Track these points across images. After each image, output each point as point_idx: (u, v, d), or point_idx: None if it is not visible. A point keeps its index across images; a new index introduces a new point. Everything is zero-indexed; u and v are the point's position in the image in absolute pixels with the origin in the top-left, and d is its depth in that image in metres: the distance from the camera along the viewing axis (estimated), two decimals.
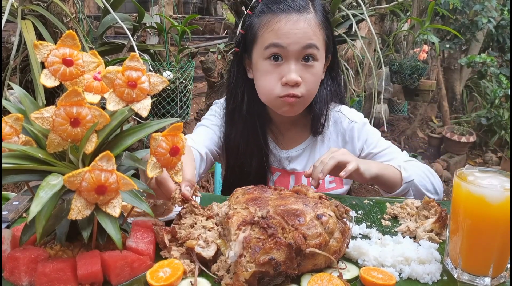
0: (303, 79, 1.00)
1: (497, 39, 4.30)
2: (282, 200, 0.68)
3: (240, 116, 1.12)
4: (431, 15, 2.72)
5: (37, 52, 0.58)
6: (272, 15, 1.00)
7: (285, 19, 0.98)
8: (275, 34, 0.98)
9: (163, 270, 0.62)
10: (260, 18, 1.03)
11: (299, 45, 0.98)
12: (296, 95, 1.00)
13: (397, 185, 1.01)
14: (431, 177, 1.08)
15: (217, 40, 5.21)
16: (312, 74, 1.01)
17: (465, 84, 5.33)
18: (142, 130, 0.62)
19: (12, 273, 0.59)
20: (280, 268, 0.59)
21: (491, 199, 0.61)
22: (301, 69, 1.00)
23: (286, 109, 1.05)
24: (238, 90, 1.11)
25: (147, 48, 1.74)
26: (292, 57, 0.99)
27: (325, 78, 1.13)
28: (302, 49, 0.98)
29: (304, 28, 0.98)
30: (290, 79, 0.98)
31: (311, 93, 1.05)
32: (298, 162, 1.16)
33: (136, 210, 0.79)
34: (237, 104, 1.12)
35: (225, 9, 7.31)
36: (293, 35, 0.97)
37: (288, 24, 0.98)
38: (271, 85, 1.02)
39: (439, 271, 0.66)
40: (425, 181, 1.05)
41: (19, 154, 0.56)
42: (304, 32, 0.98)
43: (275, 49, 0.99)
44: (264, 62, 1.02)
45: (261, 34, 1.02)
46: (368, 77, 3.63)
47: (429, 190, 1.06)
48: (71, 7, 1.50)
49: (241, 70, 1.12)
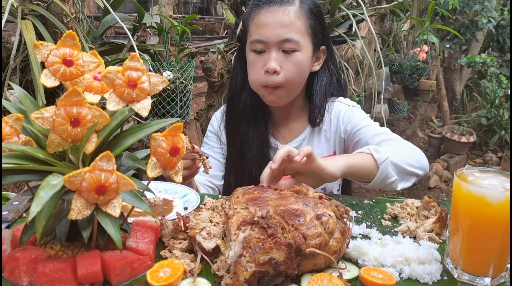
0: (282, 67, 1.05)
1: (497, 39, 4.30)
2: (282, 200, 0.68)
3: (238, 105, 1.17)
4: (431, 15, 2.72)
5: (37, 52, 0.58)
6: (256, 8, 1.08)
7: (265, 11, 1.05)
8: (257, 27, 1.06)
9: (163, 270, 0.62)
10: (249, 14, 1.10)
11: (277, 38, 1.04)
12: (274, 84, 1.06)
13: (374, 170, 0.97)
14: (411, 151, 1.05)
15: (217, 40, 5.21)
16: (293, 63, 1.06)
17: (465, 84, 5.33)
18: (142, 130, 0.62)
19: (12, 273, 0.59)
20: (280, 268, 0.59)
21: (492, 199, 0.61)
22: (281, 58, 1.05)
23: (268, 98, 1.10)
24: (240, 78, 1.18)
25: (147, 48, 1.74)
26: (273, 48, 1.05)
27: (323, 69, 1.15)
28: (280, 42, 1.04)
29: (282, 20, 1.04)
30: (268, 67, 1.04)
31: (293, 81, 1.07)
32: None
33: (136, 210, 0.79)
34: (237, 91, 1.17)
35: (225, 9, 7.31)
36: (271, 26, 1.04)
37: (266, 17, 1.05)
38: (256, 74, 1.08)
39: (439, 271, 0.66)
40: (405, 156, 1.01)
41: (19, 154, 0.56)
42: (281, 24, 1.03)
43: (258, 44, 1.06)
44: (251, 54, 1.09)
45: (249, 27, 1.09)
46: (368, 77, 3.63)
47: (412, 165, 1.02)
48: (71, 7, 1.50)
49: (242, 62, 1.18)
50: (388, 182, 1.00)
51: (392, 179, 0.99)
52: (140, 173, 1.56)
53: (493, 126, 4.59)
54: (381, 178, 0.98)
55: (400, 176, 1.01)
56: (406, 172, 1.01)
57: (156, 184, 0.98)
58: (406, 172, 1.01)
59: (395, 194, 3.78)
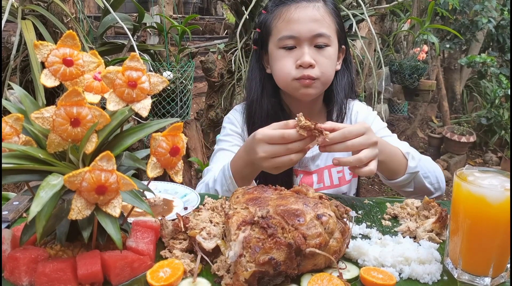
0: (316, 62, 1.04)
1: (497, 39, 4.30)
2: (282, 200, 0.68)
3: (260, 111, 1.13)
4: (431, 15, 2.72)
5: (37, 52, 0.58)
6: (282, 6, 1.07)
7: (295, 7, 1.04)
8: (286, 23, 1.04)
9: (163, 270, 0.62)
10: (273, 12, 1.09)
11: (310, 33, 1.03)
12: (311, 76, 1.04)
13: (400, 173, 0.98)
14: (436, 170, 1.06)
15: (217, 40, 5.21)
16: (326, 57, 1.05)
17: (465, 84, 5.33)
18: (142, 130, 0.62)
19: (12, 273, 0.59)
20: (280, 268, 0.59)
21: (492, 199, 0.61)
22: (314, 52, 1.04)
23: (303, 91, 1.06)
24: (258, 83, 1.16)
25: (147, 48, 1.74)
26: (305, 43, 1.03)
27: (342, 69, 1.16)
28: (313, 37, 1.03)
29: (314, 15, 1.03)
30: (304, 61, 1.02)
31: (326, 75, 1.07)
32: (321, 158, 1.17)
33: (136, 210, 0.79)
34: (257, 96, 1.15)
35: (225, 9, 7.31)
36: (303, 21, 1.02)
37: (297, 11, 1.03)
38: (287, 69, 1.05)
39: (439, 271, 0.66)
40: (430, 173, 1.03)
41: (19, 154, 0.56)
42: (314, 19, 1.03)
43: (288, 40, 1.04)
44: (279, 50, 1.07)
45: (275, 25, 1.07)
46: (368, 77, 3.63)
47: (433, 184, 1.04)
48: (71, 7, 1.50)
49: (260, 65, 1.17)
50: (403, 189, 1.03)
51: (408, 190, 1.02)
52: (140, 173, 1.56)
53: (493, 126, 4.59)
54: (399, 184, 1.00)
55: (416, 189, 1.03)
56: (423, 188, 1.03)
57: (156, 184, 0.98)
58: (423, 188, 1.03)
59: (395, 194, 3.78)
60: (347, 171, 1.17)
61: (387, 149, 0.95)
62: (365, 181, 3.96)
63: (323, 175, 1.16)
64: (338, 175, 1.17)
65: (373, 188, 3.80)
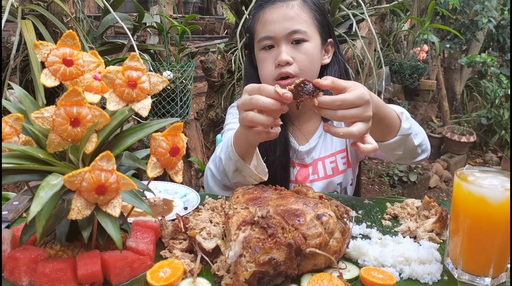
0: (294, 58, 1.05)
1: (498, 39, 4.31)
2: (282, 200, 0.68)
3: None
4: (431, 15, 2.72)
5: (37, 51, 0.58)
6: (260, 9, 1.10)
7: (270, 9, 1.07)
8: (263, 25, 1.08)
9: (163, 270, 0.62)
10: (254, 17, 1.12)
11: (285, 31, 1.04)
12: (288, 73, 1.05)
13: (393, 134, 0.95)
14: (423, 132, 1.07)
15: (217, 40, 5.21)
16: (303, 53, 1.06)
17: (465, 84, 5.33)
18: (142, 130, 0.62)
19: (12, 273, 0.59)
20: (280, 268, 0.59)
21: (492, 199, 0.61)
22: (291, 50, 1.05)
23: None
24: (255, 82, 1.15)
25: (147, 48, 1.74)
26: (282, 42, 1.05)
27: (332, 62, 1.16)
28: (289, 35, 1.05)
29: (287, 13, 1.05)
30: (280, 59, 1.04)
31: (306, 71, 1.07)
32: (315, 151, 1.18)
33: (136, 210, 0.79)
34: None
35: (225, 8, 7.31)
36: (277, 21, 1.05)
37: (271, 12, 1.07)
38: (268, 70, 1.08)
39: (439, 271, 0.66)
40: (420, 135, 1.03)
41: (19, 154, 0.56)
42: (287, 17, 1.05)
43: (266, 41, 1.07)
44: (260, 52, 1.10)
45: (256, 28, 1.11)
46: (368, 77, 3.63)
47: (421, 146, 1.04)
48: (71, 7, 1.50)
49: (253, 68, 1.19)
50: (393, 152, 1.01)
51: (397, 153, 1.01)
52: (140, 173, 1.56)
53: (493, 126, 4.60)
54: (390, 146, 0.97)
55: (405, 153, 1.02)
56: (413, 153, 1.04)
57: (156, 184, 0.98)
58: (413, 153, 1.04)
59: (395, 194, 3.78)
60: (340, 161, 1.18)
61: (382, 108, 0.90)
62: (365, 181, 3.96)
63: (317, 167, 1.17)
64: (331, 165, 1.17)
65: (373, 188, 3.80)
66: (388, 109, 0.93)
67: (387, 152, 1.03)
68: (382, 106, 0.90)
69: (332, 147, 1.18)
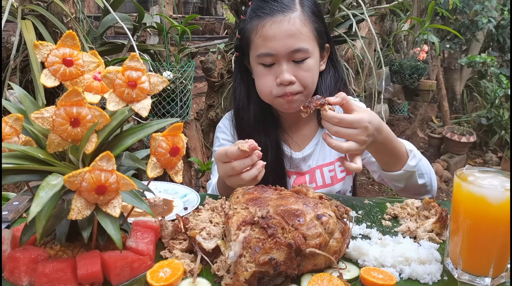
0: (297, 76, 1.03)
1: (497, 39, 4.31)
2: (282, 200, 0.68)
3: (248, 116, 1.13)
4: (431, 15, 2.72)
5: (37, 52, 0.58)
6: (258, 19, 1.04)
7: (270, 22, 1.01)
8: (263, 40, 1.02)
9: (163, 270, 0.62)
10: (250, 22, 1.06)
11: (287, 49, 1.01)
12: (293, 93, 1.04)
13: (397, 168, 0.98)
14: (432, 173, 1.06)
15: (217, 40, 5.21)
16: (305, 70, 1.04)
17: (465, 84, 5.33)
18: (142, 130, 0.62)
19: (12, 273, 0.59)
20: (280, 268, 0.59)
21: (492, 199, 0.61)
22: (293, 68, 1.03)
23: (287, 106, 1.07)
24: (243, 89, 1.15)
25: (147, 48, 1.74)
26: (283, 59, 1.02)
27: (327, 67, 1.15)
28: (291, 53, 1.01)
29: (289, 29, 1.00)
30: (283, 79, 1.02)
31: (309, 87, 1.06)
32: (312, 159, 1.17)
33: (136, 210, 0.79)
34: (243, 103, 1.14)
35: (225, 9, 7.31)
36: (279, 38, 1.00)
37: (272, 28, 1.01)
38: (268, 87, 1.05)
39: (439, 271, 0.66)
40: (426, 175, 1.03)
41: (19, 154, 0.56)
42: (289, 34, 1.00)
43: (266, 58, 1.03)
44: (258, 66, 1.06)
45: (253, 39, 1.05)
46: (368, 77, 3.63)
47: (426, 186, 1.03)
48: (71, 7, 1.50)
49: (244, 71, 1.15)
50: (393, 183, 1.03)
51: (398, 185, 1.03)
52: (140, 173, 1.56)
53: (493, 126, 4.59)
54: (392, 177, 1.00)
55: (407, 187, 1.03)
56: (415, 190, 1.03)
57: (156, 184, 0.98)
58: (415, 190, 1.03)
59: (395, 194, 3.77)
60: (338, 169, 1.17)
61: (391, 141, 0.94)
62: (365, 181, 3.96)
63: (315, 175, 1.16)
64: (330, 174, 1.16)
65: (373, 188, 3.79)
66: (397, 144, 0.96)
67: (389, 180, 1.05)
68: (392, 138, 0.94)
69: (331, 155, 1.16)
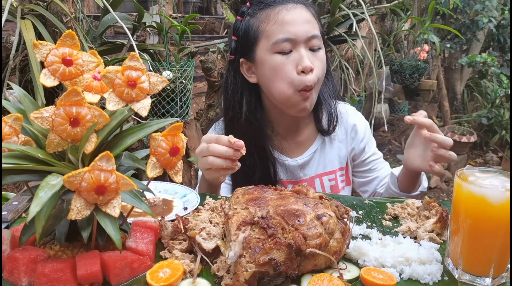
0: (313, 65, 0.98)
1: (498, 39, 4.30)
2: (282, 200, 0.68)
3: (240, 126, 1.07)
4: (431, 14, 2.72)
5: (37, 51, 0.58)
6: (268, 8, 1.00)
7: (284, 8, 0.98)
8: (280, 25, 0.97)
9: (163, 270, 0.62)
10: (256, 16, 1.02)
11: (306, 34, 0.97)
12: (311, 86, 0.99)
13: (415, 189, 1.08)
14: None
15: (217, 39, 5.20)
16: (320, 61, 1.01)
17: (466, 84, 5.33)
18: (142, 130, 0.62)
19: (11, 273, 0.59)
20: (280, 269, 0.59)
21: (492, 199, 0.60)
22: (310, 56, 0.99)
23: (302, 106, 1.01)
24: (237, 98, 1.07)
25: (146, 47, 1.73)
26: (301, 45, 0.98)
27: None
28: (308, 39, 0.98)
29: (306, 16, 0.99)
30: (306, 66, 0.96)
31: (320, 81, 1.03)
32: (310, 167, 1.14)
33: (136, 210, 0.79)
34: (236, 113, 1.07)
35: (225, 8, 7.30)
36: (298, 23, 0.97)
37: (290, 13, 0.98)
38: (289, 77, 0.98)
39: (440, 271, 0.66)
40: None
41: (18, 154, 0.56)
42: (307, 20, 0.99)
43: (285, 43, 0.97)
44: (274, 56, 0.98)
45: (264, 29, 0.99)
46: (369, 76, 3.63)
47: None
48: (70, 7, 1.49)
49: (239, 77, 1.08)
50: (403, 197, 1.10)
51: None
52: (140, 173, 1.56)
53: (493, 126, 4.59)
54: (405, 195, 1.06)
55: None
56: None
57: (156, 184, 0.98)
58: None
59: None
60: (339, 178, 1.16)
61: None
62: None
63: (314, 184, 1.13)
64: (330, 183, 1.14)
65: None
66: None
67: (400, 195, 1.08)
68: None
69: (332, 164, 1.15)
